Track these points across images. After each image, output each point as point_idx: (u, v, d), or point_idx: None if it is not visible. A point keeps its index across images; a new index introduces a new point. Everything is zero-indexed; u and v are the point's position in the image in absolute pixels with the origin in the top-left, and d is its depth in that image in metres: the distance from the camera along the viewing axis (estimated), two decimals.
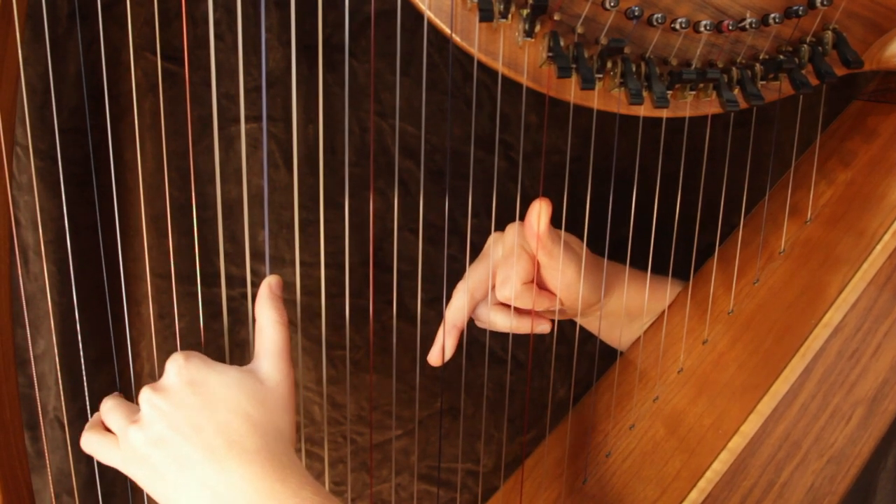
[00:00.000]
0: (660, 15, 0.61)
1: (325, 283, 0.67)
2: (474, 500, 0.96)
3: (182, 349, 0.85)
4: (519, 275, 0.69)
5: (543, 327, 0.72)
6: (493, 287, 0.71)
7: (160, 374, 0.86)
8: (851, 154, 0.73)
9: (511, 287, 0.69)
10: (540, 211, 0.67)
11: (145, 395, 0.59)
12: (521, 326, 0.72)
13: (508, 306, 0.71)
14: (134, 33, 0.79)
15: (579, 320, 0.80)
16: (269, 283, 0.64)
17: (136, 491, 0.90)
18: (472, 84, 0.84)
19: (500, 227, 0.74)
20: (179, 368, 0.59)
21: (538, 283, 0.72)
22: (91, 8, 0.78)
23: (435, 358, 0.72)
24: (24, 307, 0.81)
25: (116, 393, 0.66)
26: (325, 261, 0.67)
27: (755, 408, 0.65)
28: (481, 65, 0.62)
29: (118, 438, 0.60)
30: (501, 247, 0.72)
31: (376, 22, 0.81)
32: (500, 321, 0.72)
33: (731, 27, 0.63)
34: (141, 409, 0.59)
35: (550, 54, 0.61)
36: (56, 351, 0.82)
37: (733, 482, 0.64)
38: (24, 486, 0.72)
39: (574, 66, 0.61)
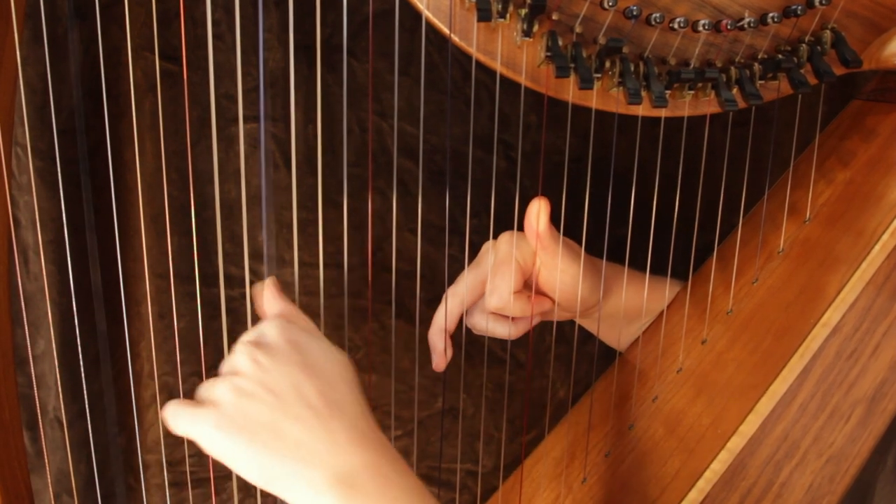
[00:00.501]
0: (658, 14, 0.61)
1: (324, 283, 0.67)
2: (474, 501, 0.96)
3: (181, 349, 0.86)
4: (509, 285, 0.69)
5: (535, 320, 0.73)
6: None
7: (160, 375, 0.86)
8: (850, 153, 0.73)
9: (499, 297, 0.69)
10: (539, 209, 0.67)
11: (244, 347, 0.56)
12: (518, 331, 0.72)
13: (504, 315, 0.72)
14: (133, 33, 0.79)
15: (578, 320, 0.80)
16: (271, 284, 0.63)
17: (135, 491, 0.90)
18: (471, 84, 0.84)
19: (500, 227, 0.74)
20: (282, 328, 0.57)
21: (537, 285, 0.72)
22: (90, 8, 0.78)
23: (440, 365, 0.72)
24: (24, 307, 0.81)
25: None
26: (325, 261, 0.67)
27: (754, 407, 0.65)
28: (480, 64, 0.62)
29: (210, 400, 0.55)
30: (494, 255, 0.72)
31: (375, 22, 0.81)
32: (500, 329, 0.73)
33: (729, 27, 0.63)
34: (236, 360, 0.56)
35: (549, 54, 0.61)
36: (55, 351, 0.82)
37: (732, 482, 0.64)
38: (24, 487, 0.72)
39: (572, 65, 0.61)
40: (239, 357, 0.56)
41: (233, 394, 0.54)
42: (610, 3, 0.59)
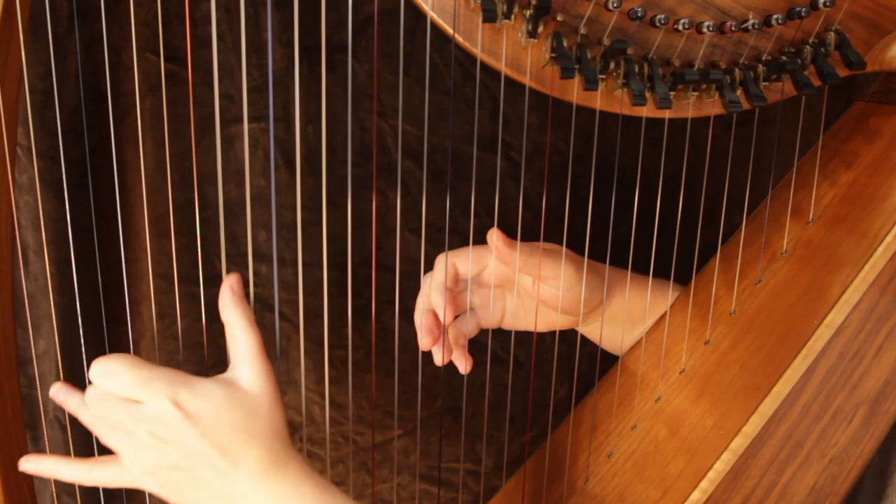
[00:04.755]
0: (662, 16, 0.61)
1: (326, 283, 0.67)
2: (475, 500, 0.96)
3: (182, 349, 0.86)
4: (436, 278, 0.72)
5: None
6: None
7: None
8: (853, 155, 0.73)
9: (432, 293, 0.72)
10: (491, 235, 0.71)
11: (142, 434, 0.59)
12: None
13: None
14: (135, 34, 0.79)
15: (580, 329, 0.81)
16: (231, 285, 0.64)
17: (137, 491, 0.90)
18: (472, 84, 0.84)
19: (502, 227, 0.74)
20: (172, 402, 0.58)
21: (541, 298, 0.73)
22: (91, 8, 0.78)
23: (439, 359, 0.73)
24: (26, 307, 0.81)
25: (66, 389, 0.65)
26: (327, 261, 0.67)
27: (757, 408, 0.65)
28: (482, 65, 0.62)
29: (124, 464, 0.61)
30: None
31: (377, 22, 0.81)
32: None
33: (733, 28, 0.63)
34: (143, 445, 0.59)
35: (553, 55, 0.61)
36: (57, 351, 0.82)
37: (735, 482, 0.65)
38: (26, 486, 0.73)
39: (577, 66, 0.61)
40: (141, 442, 0.59)
41: (144, 473, 0.60)
42: (614, 5, 0.59)
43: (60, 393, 0.64)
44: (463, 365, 0.73)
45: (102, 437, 0.61)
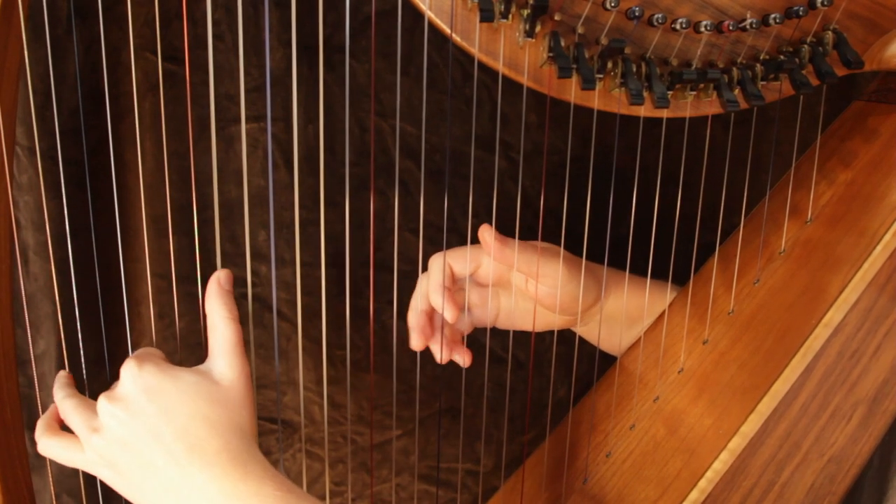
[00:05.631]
0: (660, 15, 0.61)
1: (325, 283, 0.67)
2: (474, 501, 0.96)
3: (182, 349, 0.86)
4: (434, 279, 0.72)
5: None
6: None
7: None
8: (852, 154, 0.73)
9: (431, 294, 0.73)
10: (484, 232, 0.71)
11: (102, 405, 0.59)
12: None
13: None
14: (134, 33, 0.79)
15: (578, 330, 0.81)
16: (218, 279, 0.64)
17: None
18: (471, 84, 0.84)
19: (501, 227, 0.74)
20: (134, 376, 0.59)
21: (538, 299, 0.73)
22: (90, 8, 0.78)
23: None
24: (25, 307, 0.81)
25: (65, 374, 0.67)
26: (325, 261, 0.67)
27: (756, 408, 0.65)
28: (481, 64, 0.62)
29: (81, 442, 0.60)
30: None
31: (375, 22, 0.81)
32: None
33: (731, 27, 0.63)
34: (100, 418, 0.59)
35: (551, 54, 0.61)
36: (56, 351, 0.82)
37: (734, 482, 0.65)
38: (25, 487, 0.72)
39: (575, 66, 0.61)
40: (100, 414, 0.59)
41: (97, 451, 0.59)
42: (612, 4, 0.59)
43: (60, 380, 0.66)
44: (462, 360, 0.73)
45: (66, 414, 0.62)
